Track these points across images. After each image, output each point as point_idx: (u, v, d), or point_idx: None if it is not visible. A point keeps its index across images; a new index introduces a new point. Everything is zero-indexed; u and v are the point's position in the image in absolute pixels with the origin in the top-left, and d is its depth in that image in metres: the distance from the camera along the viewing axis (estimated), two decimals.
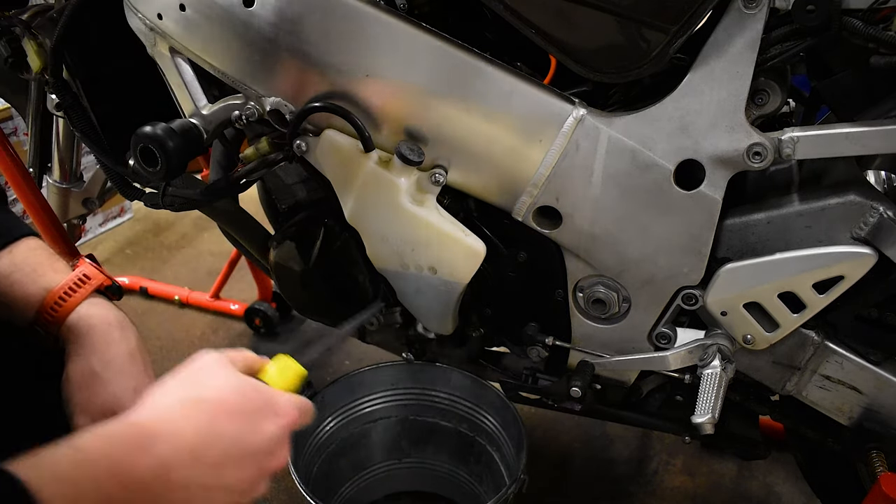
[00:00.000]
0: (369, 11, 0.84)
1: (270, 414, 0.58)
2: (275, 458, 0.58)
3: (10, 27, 1.16)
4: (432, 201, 0.91)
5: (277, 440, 0.58)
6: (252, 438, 0.55)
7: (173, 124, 0.92)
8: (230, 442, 0.54)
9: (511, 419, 1.16)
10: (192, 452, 0.52)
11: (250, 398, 0.57)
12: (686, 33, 0.75)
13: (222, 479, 0.54)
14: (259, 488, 0.58)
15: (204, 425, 0.53)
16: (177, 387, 0.56)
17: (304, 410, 0.63)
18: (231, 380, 0.57)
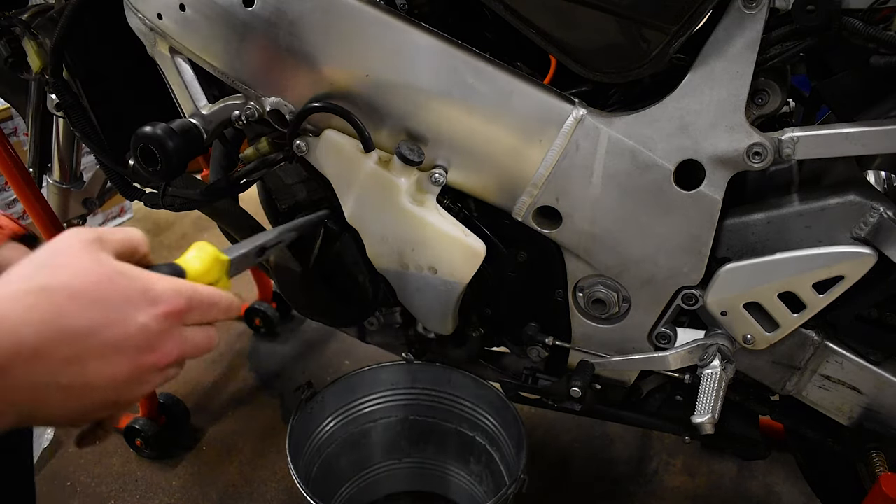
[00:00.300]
0: (369, 11, 0.84)
1: (142, 302, 0.49)
2: (156, 351, 0.50)
3: (10, 27, 1.16)
4: (432, 201, 0.92)
5: (154, 331, 0.50)
6: (114, 330, 0.48)
7: (173, 124, 0.92)
8: (85, 335, 0.46)
9: (511, 419, 1.16)
10: (35, 349, 0.44)
11: (116, 284, 0.49)
12: (686, 33, 0.75)
13: (84, 377, 0.47)
14: (141, 386, 0.51)
15: (50, 316, 0.45)
16: (26, 273, 0.48)
17: (204, 299, 0.55)
18: (92, 264, 0.49)
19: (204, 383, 1.79)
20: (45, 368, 0.45)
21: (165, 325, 0.51)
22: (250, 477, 1.52)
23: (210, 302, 0.55)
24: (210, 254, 0.60)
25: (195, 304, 0.53)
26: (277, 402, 1.74)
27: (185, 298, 0.52)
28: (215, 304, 0.56)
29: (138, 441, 1.55)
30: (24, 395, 0.45)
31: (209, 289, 0.56)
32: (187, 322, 0.54)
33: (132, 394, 0.51)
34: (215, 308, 0.56)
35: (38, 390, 0.46)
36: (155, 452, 1.56)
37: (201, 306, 0.54)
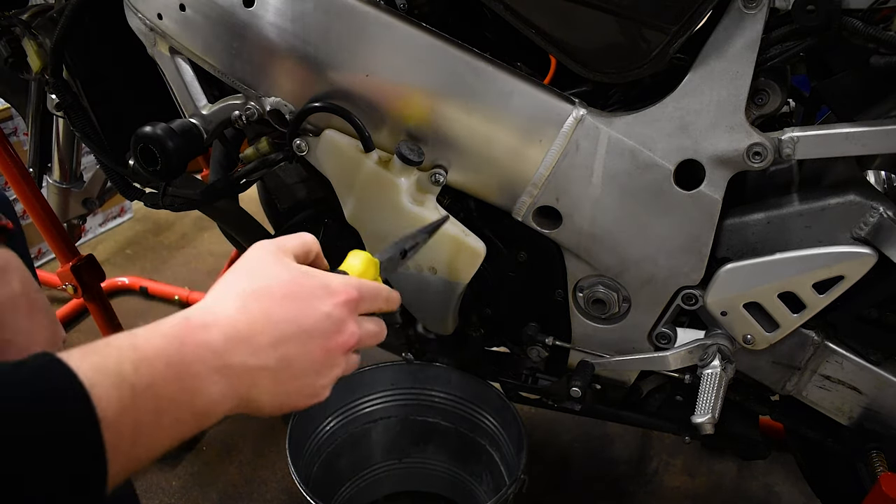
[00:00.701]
0: (369, 11, 0.84)
1: (324, 295, 0.59)
2: (341, 334, 0.59)
3: (10, 27, 1.16)
4: (432, 201, 0.91)
5: (337, 318, 0.59)
6: (307, 319, 0.57)
7: (173, 124, 0.92)
8: (284, 324, 0.55)
9: (511, 419, 1.16)
10: (247, 339, 0.53)
11: (300, 283, 0.58)
12: (686, 33, 0.75)
13: (287, 361, 0.55)
14: (332, 369, 0.60)
15: (255, 312, 0.55)
16: (229, 281, 0.58)
17: (371, 290, 0.64)
18: (280, 268, 0.59)
19: None
20: (256, 353, 0.54)
21: (345, 313, 0.60)
22: (250, 477, 1.52)
23: (375, 292, 0.65)
24: (366, 256, 0.70)
25: (365, 293, 0.63)
26: None
27: (356, 289, 0.62)
28: (379, 294, 0.66)
29: None
30: (242, 377, 0.53)
31: (372, 282, 0.67)
32: (360, 311, 0.63)
33: (326, 376, 0.60)
34: (380, 297, 0.66)
35: (252, 373, 0.53)
36: None
37: (369, 296, 0.64)
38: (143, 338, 0.49)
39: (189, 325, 0.51)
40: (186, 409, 0.50)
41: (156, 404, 0.47)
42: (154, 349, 0.48)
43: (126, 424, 0.45)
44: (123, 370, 0.45)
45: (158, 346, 0.49)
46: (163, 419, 0.48)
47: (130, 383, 0.45)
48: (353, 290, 0.61)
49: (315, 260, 0.66)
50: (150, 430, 0.47)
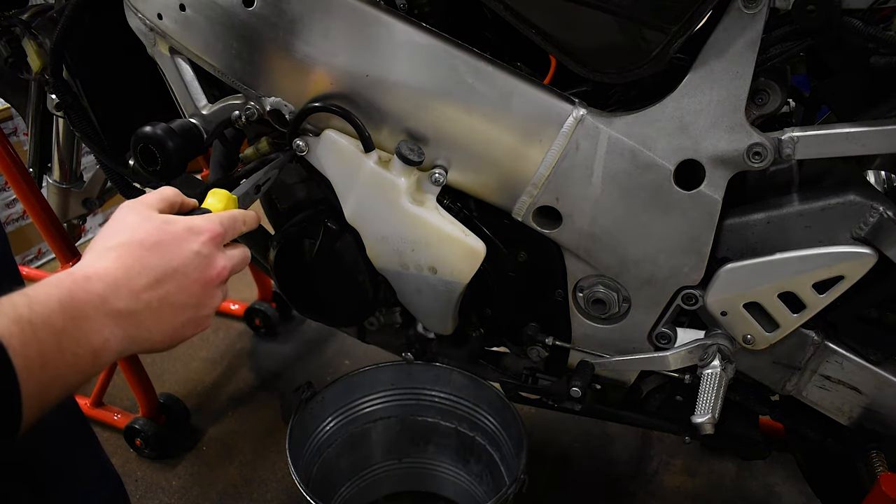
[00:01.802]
0: (369, 11, 0.84)
1: (189, 236, 0.64)
2: (211, 268, 0.66)
3: (10, 27, 1.16)
4: (432, 201, 0.91)
5: (205, 254, 0.65)
6: (177, 259, 0.62)
7: (173, 124, 0.92)
8: (157, 267, 0.61)
9: (511, 419, 1.16)
10: (126, 285, 0.58)
11: (165, 230, 0.63)
12: (686, 33, 0.74)
13: (167, 300, 0.61)
14: (211, 299, 0.66)
15: (129, 261, 0.60)
16: (101, 240, 0.63)
17: (230, 220, 0.70)
18: (145, 220, 0.64)
19: (204, 383, 1.79)
20: (136, 297, 0.59)
21: (212, 248, 0.66)
22: (250, 477, 1.52)
23: (234, 221, 0.71)
24: (224, 193, 0.78)
25: (227, 225, 0.69)
26: (277, 402, 1.74)
27: (218, 224, 0.68)
28: (237, 220, 0.72)
29: (138, 441, 1.55)
30: (127, 320, 0.58)
31: (231, 212, 0.73)
32: (225, 241, 0.69)
33: (206, 308, 0.66)
34: (239, 223, 0.72)
35: (136, 315, 0.59)
36: (155, 452, 1.56)
37: (231, 226, 0.70)
38: (32, 290, 0.54)
39: (73, 277, 0.56)
40: (84, 345, 0.54)
41: (55, 339, 0.52)
42: (46, 295, 0.53)
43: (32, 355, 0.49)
44: (20, 311, 0.50)
45: (49, 293, 0.53)
46: (65, 353, 0.52)
47: (28, 319, 0.50)
48: (215, 225, 0.67)
49: (181, 207, 0.73)
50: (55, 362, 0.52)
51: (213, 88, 0.99)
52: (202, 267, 0.65)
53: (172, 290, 0.62)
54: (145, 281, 0.60)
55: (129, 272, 0.59)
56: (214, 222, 0.68)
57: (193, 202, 0.75)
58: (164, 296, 0.61)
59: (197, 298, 0.64)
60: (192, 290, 0.64)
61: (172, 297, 0.62)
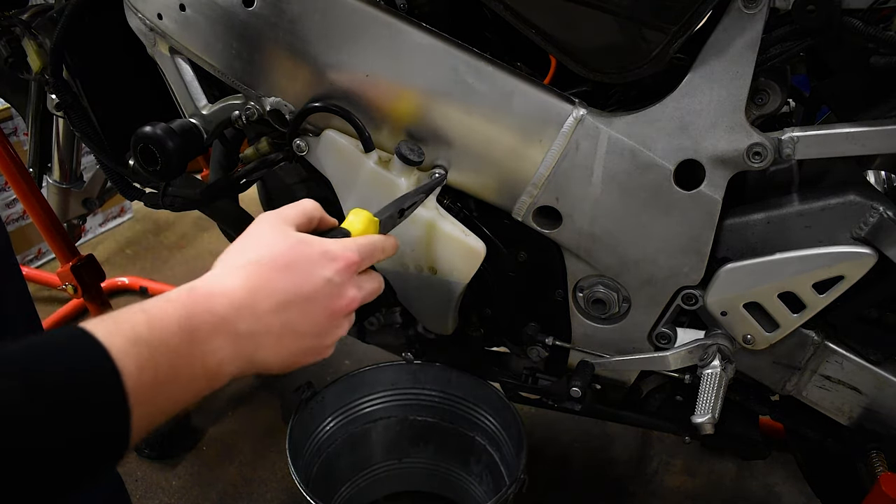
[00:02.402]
0: (369, 11, 0.84)
1: (324, 261, 0.62)
2: (341, 298, 0.63)
3: (10, 27, 1.16)
4: (432, 201, 0.91)
5: (337, 283, 0.62)
6: (307, 284, 0.60)
7: (173, 124, 0.92)
8: (285, 291, 0.59)
9: (511, 419, 1.16)
10: (250, 306, 0.57)
11: (300, 251, 0.61)
12: (686, 33, 0.74)
13: (290, 326, 0.59)
14: (336, 330, 0.64)
15: (256, 281, 0.58)
16: (232, 254, 0.61)
17: (369, 248, 0.67)
18: (280, 238, 0.62)
19: None
20: (259, 319, 0.57)
21: (345, 277, 0.63)
22: (250, 477, 1.52)
23: (372, 248, 0.68)
24: (366, 216, 0.73)
25: (364, 254, 0.66)
26: (277, 402, 1.74)
27: (355, 252, 0.65)
28: (376, 248, 0.69)
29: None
30: (247, 342, 0.56)
31: (370, 238, 0.70)
32: (360, 270, 0.66)
33: (330, 336, 0.64)
34: (377, 252, 0.70)
35: (256, 338, 0.57)
36: (155, 452, 1.56)
37: (368, 254, 0.67)
38: (153, 305, 0.52)
39: (195, 294, 0.55)
40: (199, 366, 0.53)
41: (171, 360, 0.50)
42: (164, 314, 0.52)
43: (146, 380, 0.48)
44: (138, 332, 0.49)
45: (168, 311, 0.52)
46: (179, 375, 0.51)
47: (146, 341, 0.49)
48: (352, 253, 0.64)
49: (319, 223, 0.70)
50: (169, 384, 0.50)
51: (213, 88, 0.99)
52: (332, 296, 0.62)
53: (297, 316, 0.60)
54: (271, 304, 0.58)
55: (255, 293, 0.57)
56: (352, 250, 0.65)
57: (333, 221, 0.72)
58: (287, 321, 0.59)
59: (321, 327, 0.62)
60: (318, 318, 0.61)
61: (296, 323, 0.60)
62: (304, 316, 0.60)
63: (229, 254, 0.62)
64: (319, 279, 0.61)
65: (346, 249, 0.64)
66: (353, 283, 0.65)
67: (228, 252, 0.62)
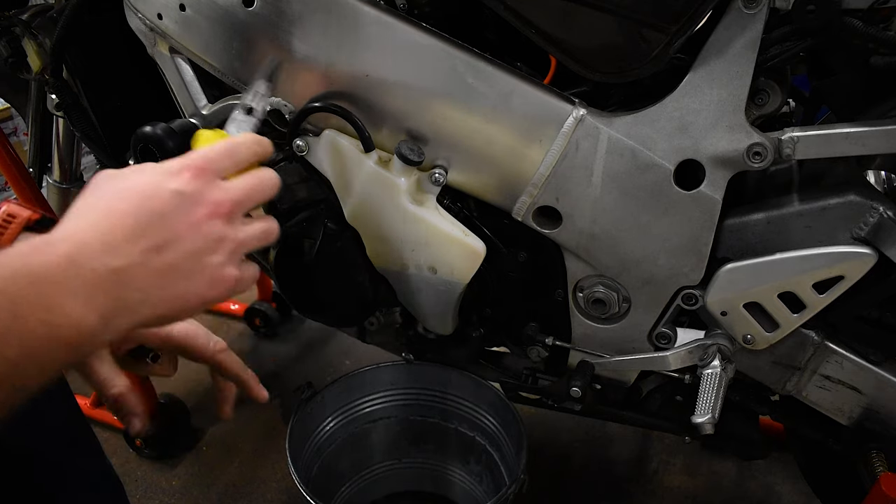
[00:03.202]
0: (369, 11, 0.84)
1: (166, 176, 0.53)
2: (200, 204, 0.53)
3: (10, 27, 1.16)
4: (432, 201, 0.91)
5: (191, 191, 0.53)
6: (155, 203, 0.52)
7: (173, 124, 0.92)
8: (131, 215, 0.51)
9: (511, 419, 1.16)
10: (99, 240, 0.49)
11: (135, 179, 0.53)
12: (686, 33, 0.75)
13: (154, 251, 0.51)
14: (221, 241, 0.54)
15: (97, 215, 0.51)
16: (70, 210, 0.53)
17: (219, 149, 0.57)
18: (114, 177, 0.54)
19: (204, 383, 1.79)
20: (113, 251, 0.49)
21: (199, 184, 0.54)
22: (250, 477, 1.52)
23: (230, 148, 0.58)
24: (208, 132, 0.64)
25: (212, 156, 0.56)
26: (277, 402, 1.74)
27: (200, 158, 0.55)
28: (235, 145, 0.58)
29: (138, 441, 1.55)
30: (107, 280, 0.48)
31: (222, 141, 0.59)
32: (221, 174, 0.56)
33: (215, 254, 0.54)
34: (241, 146, 0.59)
35: (118, 274, 0.49)
36: (155, 452, 1.56)
37: (221, 157, 0.57)
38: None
39: (33, 245, 0.48)
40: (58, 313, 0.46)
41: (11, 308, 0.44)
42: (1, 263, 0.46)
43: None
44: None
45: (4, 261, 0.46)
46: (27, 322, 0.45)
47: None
48: (195, 160, 0.55)
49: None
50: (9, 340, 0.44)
51: (213, 88, 0.99)
52: (188, 206, 0.53)
53: (157, 238, 0.51)
54: (122, 233, 0.50)
55: (97, 226, 0.50)
56: (194, 157, 0.56)
57: None
58: (149, 247, 0.50)
59: (194, 244, 0.53)
60: (182, 234, 0.52)
61: (161, 246, 0.51)
62: (166, 236, 0.51)
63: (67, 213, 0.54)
64: (166, 193, 0.52)
65: (186, 158, 0.55)
66: (214, 186, 0.55)
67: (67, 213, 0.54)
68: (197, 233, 0.53)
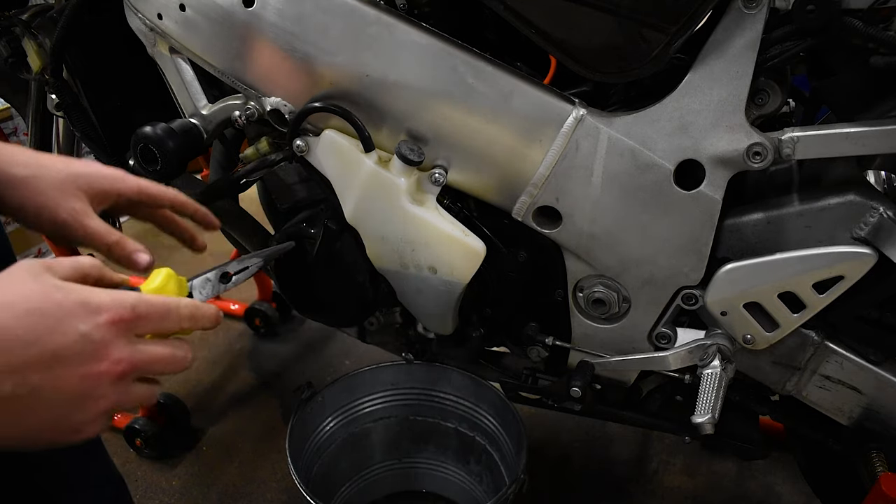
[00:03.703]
0: (369, 11, 0.84)
1: (82, 312, 0.48)
2: (102, 360, 0.49)
3: (10, 27, 1.16)
4: (432, 201, 0.91)
5: (98, 339, 0.49)
6: (54, 339, 0.47)
7: (173, 124, 0.93)
8: (23, 346, 0.46)
9: (511, 419, 1.16)
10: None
11: (52, 298, 0.48)
12: (686, 33, 0.75)
13: (26, 389, 0.46)
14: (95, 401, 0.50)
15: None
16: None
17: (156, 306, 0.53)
18: (30, 281, 0.49)
19: (204, 383, 1.79)
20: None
21: (110, 335, 0.50)
22: (250, 477, 1.52)
23: (163, 309, 0.54)
24: (167, 273, 0.60)
25: (142, 311, 0.52)
26: (277, 402, 1.74)
27: (128, 306, 0.51)
28: (170, 310, 0.54)
29: (138, 441, 1.55)
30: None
31: (161, 297, 0.55)
32: (139, 331, 0.52)
33: (87, 410, 0.50)
34: (173, 314, 0.54)
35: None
36: (155, 452, 1.56)
37: (151, 314, 0.53)
38: None
39: None
40: None
41: None
42: None
43: None
44: None
45: None
46: None
47: None
48: (124, 307, 0.50)
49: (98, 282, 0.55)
50: None
51: (213, 88, 0.99)
52: (86, 355, 0.48)
53: (37, 378, 0.46)
54: (2, 361, 0.45)
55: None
56: (125, 303, 0.51)
57: (121, 278, 0.58)
58: (21, 383, 0.46)
59: (72, 395, 0.48)
60: (66, 382, 0.48)
61: (36, 387, 0.46)
62: (47, 377, 0.47)
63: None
64: (72, 332, 0.47)
65: (116, 301, 0.50)
66: (124, 343, 0.50)
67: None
68: (80, 385, 0.49)
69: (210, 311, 0.58)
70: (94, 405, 0.50)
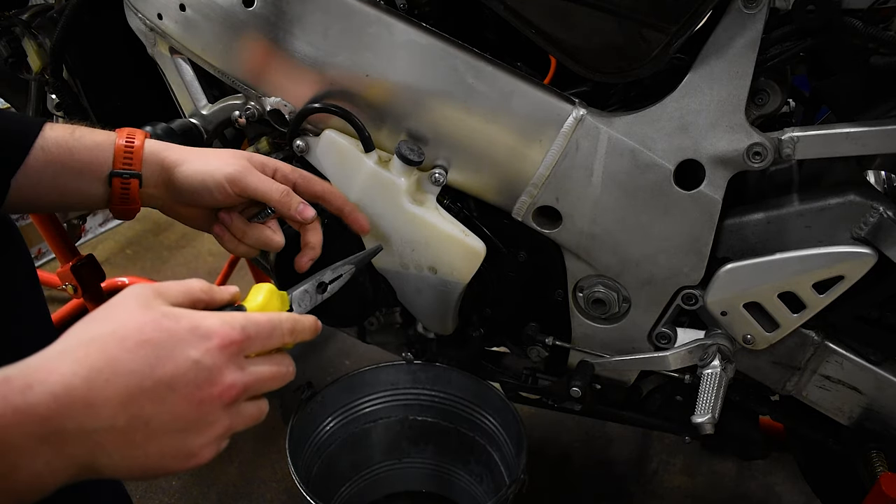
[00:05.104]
0: (369, 11, 0.84)
1: (192, 339, 0.49)
2: (214, 384, 0.49)
3: (10, 27, 1.16)
4: (432, 201, 0.92)
5: (209, 365, 0.49)
6: (166, 368, 0.47)
7: (173, 124, 0.92)
8: (134, 375, 0.46)
9: (511, 419, 1.16)
10: (84, 397, 0.44)
11: (162, 326, 0.48)
12: (686, 33, 0.75)
13: (142, 420, 0.46)
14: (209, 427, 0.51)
15: (97, 363, 0.46)
16: (79, 328, 0.49)
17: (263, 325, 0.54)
18: (139, 310, 0.49)
19: None
20: (96, 412, 0.45)
21: (221, 359, 0.50)
22: (250, 477, 1.52)
23: (269, 327, 0.54)
24: (269, 289, 0.61)
25: (251, 332, 0.53)
26: (277, 402, 1.74)
27: (238, 329, 0.51)
28: (275, 327, 0.55)
29: None
30: (78, 443, 0.45)
31: (265, 315, 0.55)
32: (248, 352, 0.53)
33: (202, 435, 0.50)
34: (277, 331, 0.55)
35: (92, 437, 0.45)
36: None
37: (259, 334, 0.53)
38: None
39: (8, 388, 0.43)
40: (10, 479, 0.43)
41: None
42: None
43: None
44: None
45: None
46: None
47: None
48: (233, 330, 0.51)
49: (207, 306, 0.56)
50: None
51: (213, 88, 0.99)
52: (201, 381, 0.49)
53: (152, 408, 0.47)
54: (114, 392, 0.45)
55: (92, 380, 0.45)
56: (234, 325, 0.51)
57: (227, 296, 0.58)
58: (138, 414, 0.46)
59: (187, 422, 0.49)
60: (179, 409, 0.48)
61: (151, 416, 0.47)
62: (161, 407, 0.47)
63: (75, 328, 0.49)
64: (183, 360, 0.48)
65: (226, 325, 0.51)
66: (235, 366, 0.51)
67: (76, 325, 0.49)
68: (194, 412, 0.49)
69: (309, 323, 0.60)
70: (209, 430, 0.51)
